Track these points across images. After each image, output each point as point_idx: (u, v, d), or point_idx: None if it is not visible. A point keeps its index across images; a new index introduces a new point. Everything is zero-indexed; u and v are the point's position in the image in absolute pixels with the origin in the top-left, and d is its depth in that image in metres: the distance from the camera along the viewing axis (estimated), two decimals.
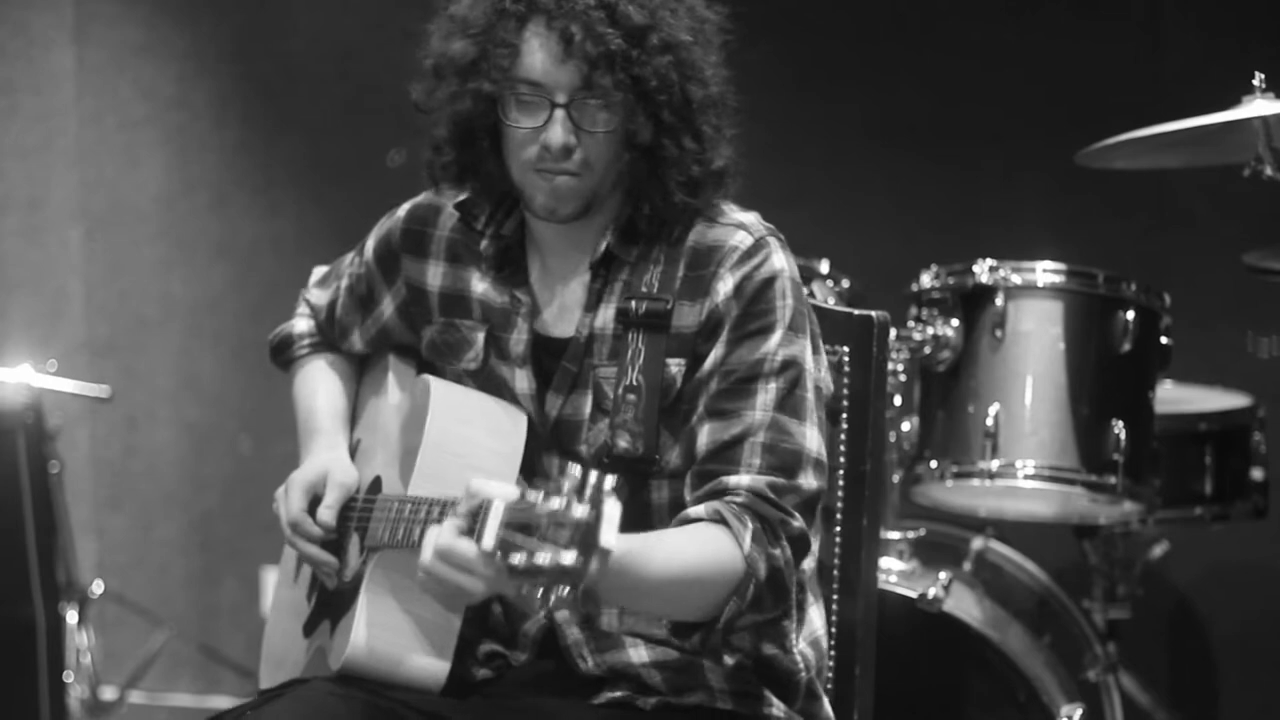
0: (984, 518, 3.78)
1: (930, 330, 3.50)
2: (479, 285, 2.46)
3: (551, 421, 2.39)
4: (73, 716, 4.35)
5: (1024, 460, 3.44)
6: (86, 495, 5.05)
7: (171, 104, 5.06)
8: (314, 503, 2.50)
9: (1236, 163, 3.13)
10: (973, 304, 3.50)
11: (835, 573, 2.60)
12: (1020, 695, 3.43)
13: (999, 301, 3.47)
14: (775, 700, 2.39)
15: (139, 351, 5.12)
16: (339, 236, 2.78)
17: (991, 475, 3.45)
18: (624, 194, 2.38)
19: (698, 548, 2.23)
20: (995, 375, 3.47)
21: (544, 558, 1.90)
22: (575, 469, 1.96)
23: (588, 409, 2.37)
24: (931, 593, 3.34)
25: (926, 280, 3.56)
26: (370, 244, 2.60)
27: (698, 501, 2.30)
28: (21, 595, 4.08)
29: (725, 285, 2.33)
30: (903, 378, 3.52)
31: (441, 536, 2.09)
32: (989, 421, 3.44)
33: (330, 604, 2.49)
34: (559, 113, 2.30)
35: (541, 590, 1.94)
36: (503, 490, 2.03)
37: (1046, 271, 3.48)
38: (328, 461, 2.53)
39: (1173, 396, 3.80)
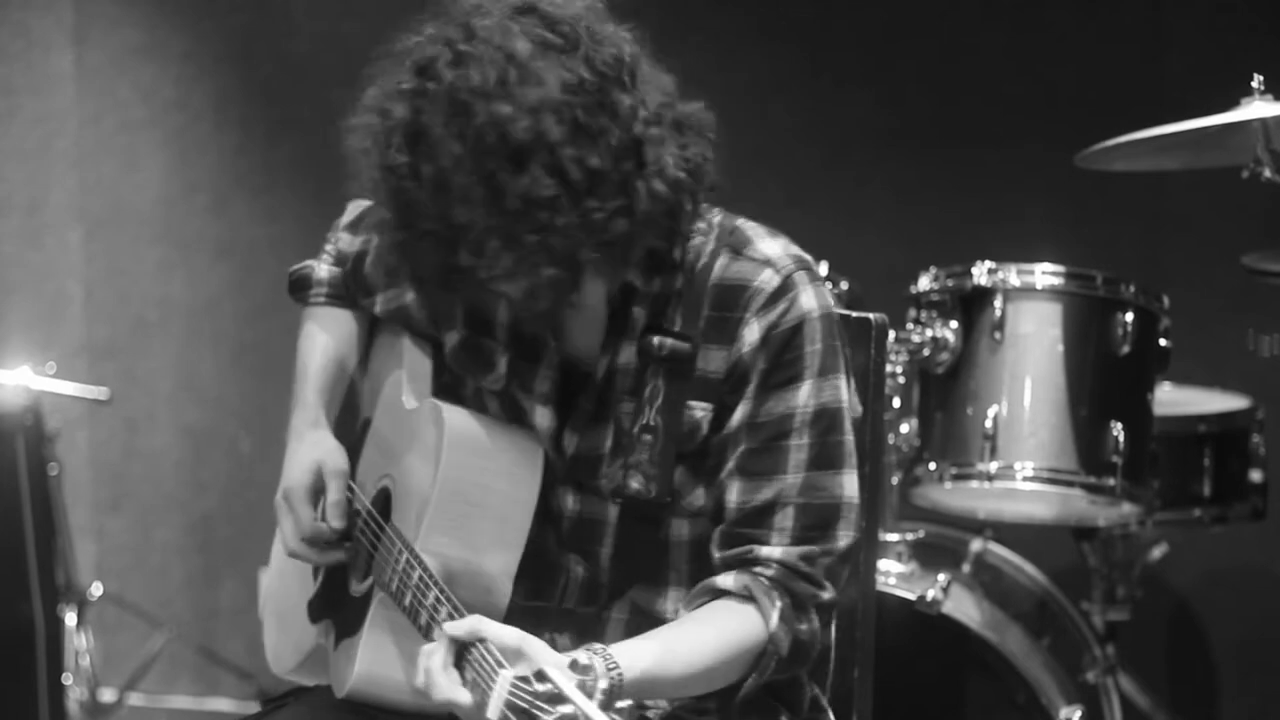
0: (983, 519, 3.79)
1: (929, 332, 3.50)
2: (507, 310, 2.34)
3: (569, 457, 2.33)
4: (72, 718, 4.35)
5: (1023, 462, 3.45)
6: (86, 497, 5.06)
7: (171, 106, 5.07)
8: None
9: (1235, 165, 3.13)
10: (971, 306, 3.50)
11: None
12: (1019, 697, 3.44)
13: (998, 303, 3.47)
14: (784, 713, 2.38)
15: (139, 354, 5.12)
16: None
17: (990, 477, 3.45)
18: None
19: (720, 638, 2.20)
20: (994, 377, 3.47)
21: None
22: (588, 656, 1.96)
23: (607, 445, 2.30)
24: (930, 595, 3.35)
25: (925, 282, 3.56)
26: None
27: (726, 564, 2.26)
28: (20, 597, 4.08)
29: (751, 334, 2.24)
30: (901, 380, 3.52)
31: (442, 690, 2.06)
32: (988, 423, 3.44)
33: (336, 605, 2.46)
34: None
35: None
36: (529, 653, 2.01)
37: (1045, 273, 3.48)
38: (314, 454, 2.45)
39: (1172, 398, 3.80)
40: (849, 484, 2.28)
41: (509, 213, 2.09)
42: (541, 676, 1.94)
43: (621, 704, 1.92)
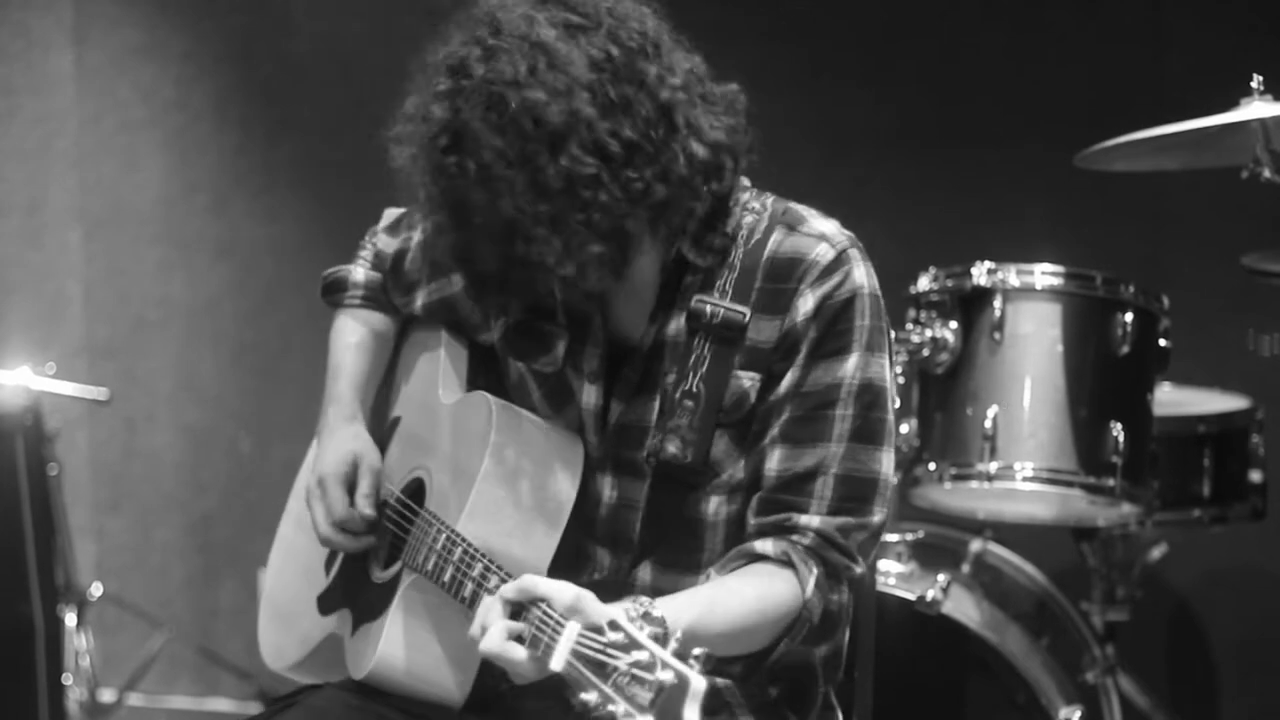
0: (982, 520, 3.79)
1: (929, 332, 3.50)
2: (561, 290, 2.35)
3: (611, 429, 2.36)
4: (72, 718, 4.35)
5: (1022, 462, 3.44)
6: (85, 497, 5.06)
7: (171, 106, 5.07)
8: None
9: (1235, 165, 3.13)
10: (971, 306, 3.50)
11: None
12: (1019, 697, 3.44)
13: (997, 304, 3.47)
14: (792, 716, 2.40)
15: (138, 354, 5.12)
16: (340, 239, 2.78)
17: (990, 477, 3.45)
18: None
19: (758, 601, 2.22)
20: (993, 377, 3.47)
21: (619, 710, 1.88)
22: (655, 608, 1.96)
23: (653, 415, 2.34)
24: (930, 595, 3.34)
25: (925, 283, 3.56)
26: None
27: (762, 530, 2.29)
28: (20, 597, 4.08)
29: (806, 304, 2.29)
30: (901, 380, 3.52)
31: (493, 641, 2.06)
32: (987, 424, 3.44)
33: (354, 594, 2.47)
34: None
35: None
36: (585, 609, 2.01)
37: (1045, 274, 3.48)
38: (352, 445, 2.49)
39: (1171, 399, 3.80)
40: (887, 462, 2.32)
41: (553, 195, 2.15)
42: (615, 626, 1.94)
43: (697, 651, 1.90)
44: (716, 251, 2.33)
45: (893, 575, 3.46)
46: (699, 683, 1.87)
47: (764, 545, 2.27)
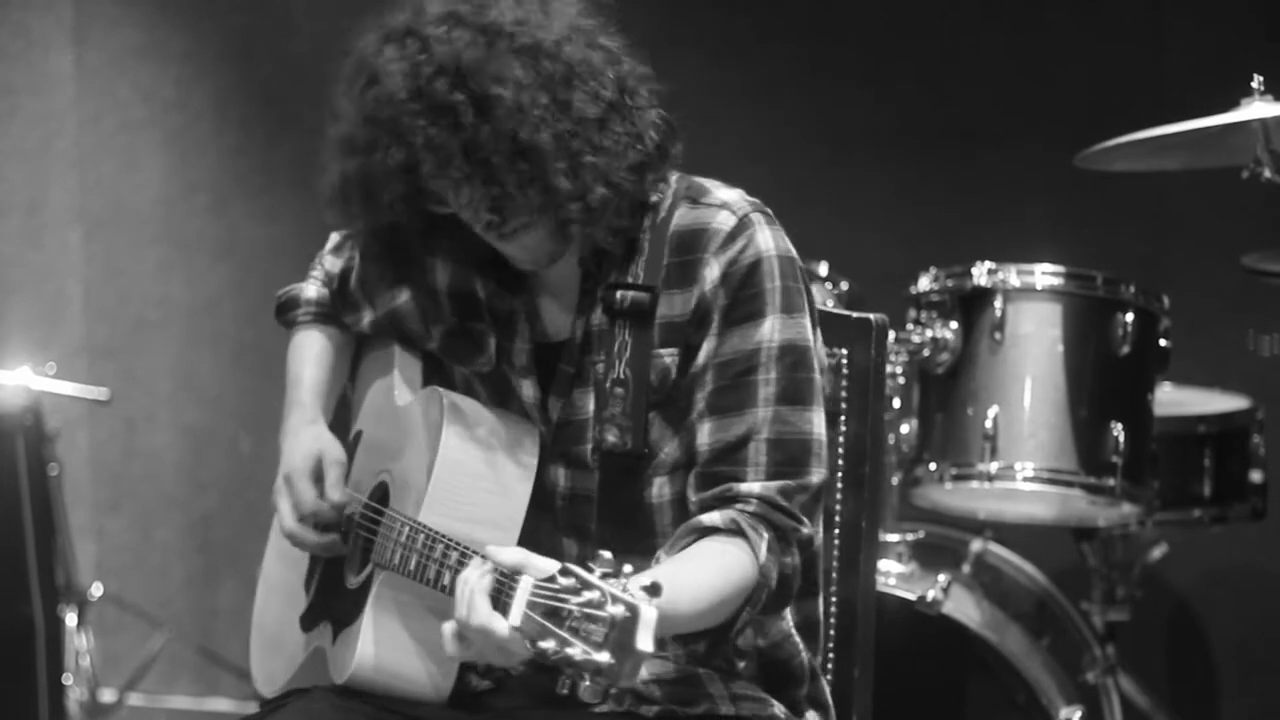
0: (983, 520, 3.79)
1: (929, 333, 3.50)
2: (483, 290, 2.41)
3: (554, 424, 2.37)
4: (72, 718, 4.35)
5: (1023, 462, 3.45)
6: (85, 498, 5.05)
7: (171, 106, 5.07)
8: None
9: (1235, 165, 3.14)
10: (971, 306, 3.51)
11: (834, 575, 2.60)
12: (1019, 697, 3.44)
13: (998, 304, 3.47)
14: (776, 702, 2.39)
15: (138, 354, 5.12)
16: None
17: (990, 477, 3.45)
18: None
19: (716, 573, 2.21)
20: (994, 377, 3.47)
21: (576, 652, 1.88)
22: (607, 554, 1.95)
23: (591, 407, 2.35)
24: (930, 595, 3.35)
25: (925, 283, 3.56)
26: None
27: (704, 506, 2.29)
28: (21, 597, 4.08)
29: (711, 272, 2.28)
30: (902, 380, 3.53)
31: (478, 611, 2.06)
32: (988, 424, 3.45)
33: (332, 605, 2.48)
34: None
35: (568, 674, 1.92)
36: (532, 563, 2.01)
37: (1045, 274, 3.49)
38: (315, 442, 2.50)
39: (1172, 399, 3.80)
40: (818, 421, 2.31)
41: (572, 132, 2.19)
42: (565, 572, 1.94)
43: (646, 581, 1.90)
44: (627, 235, 2.33)
45: (893, 575, 3.46)
46: (648, 611, 1.87)
47: (711, 518, 2.26)
